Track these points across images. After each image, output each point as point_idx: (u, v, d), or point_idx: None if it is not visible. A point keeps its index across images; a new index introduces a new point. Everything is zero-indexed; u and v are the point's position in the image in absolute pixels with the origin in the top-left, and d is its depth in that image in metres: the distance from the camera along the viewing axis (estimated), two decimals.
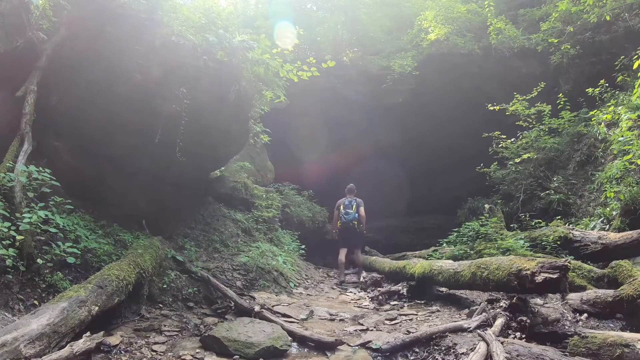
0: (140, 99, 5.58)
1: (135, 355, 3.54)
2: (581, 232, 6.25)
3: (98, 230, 5.38)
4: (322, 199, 12.62)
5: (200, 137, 6.21)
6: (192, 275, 5.73)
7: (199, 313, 5.08)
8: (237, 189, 8.97)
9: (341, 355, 3.83)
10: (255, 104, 7.65)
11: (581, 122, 9.15)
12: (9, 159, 4.59)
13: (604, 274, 5.01)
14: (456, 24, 12.11)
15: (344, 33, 13.32)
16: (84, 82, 5.41)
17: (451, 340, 3.72)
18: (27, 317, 3.09)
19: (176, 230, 6.96)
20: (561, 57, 10.32)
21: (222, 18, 6.76)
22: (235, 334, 3.87)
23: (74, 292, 3.51)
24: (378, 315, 5.32)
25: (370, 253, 10.68)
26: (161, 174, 6.30)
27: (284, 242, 9.05)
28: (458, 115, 11.85)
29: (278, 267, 6.96)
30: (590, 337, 3.16)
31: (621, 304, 3.69)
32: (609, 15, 9.54)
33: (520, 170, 9.73)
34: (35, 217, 4.06)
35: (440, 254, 7.93)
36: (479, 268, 4.93)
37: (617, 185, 6.64)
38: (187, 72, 5.76)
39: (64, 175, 4.93)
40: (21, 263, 3.90)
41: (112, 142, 5.80)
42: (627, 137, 6.59)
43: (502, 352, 3.10)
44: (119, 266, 4.33)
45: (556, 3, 10.78)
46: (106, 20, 5.37)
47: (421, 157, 12.75)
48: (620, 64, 8.81)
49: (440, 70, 11.66)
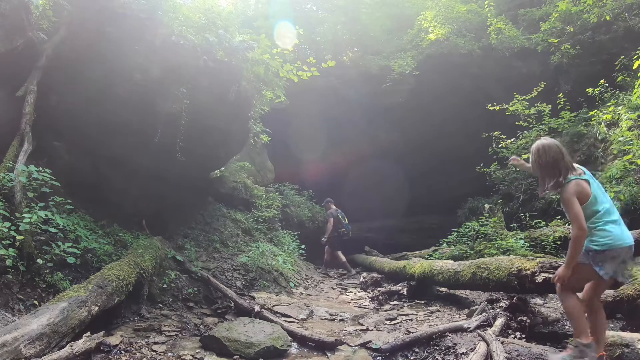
0: (140, 99, 5.58)
1: (135, 355, 3.54)
2: None
3: (98, 230, 5.38)
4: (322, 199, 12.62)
5: (200, 137, 6.20)
6: (192, 275, 5.73)
7: (199, 313, 5.08)
8: (237, 189, 8.97)
9: (341, 355, 3.83)
10: (255, 104, 7.65)
11: (581, 122, 9.14)
12: (9, 159, 4.59)
13: None
14: (456, 24, 12.10)
15: (344, 33, 13.31)
16: (84, 82, 5.41)
17: (451, 340, 3.72)
18: (27, 317, 3.09)
19: (176, 230, 6.96)
20: (561, 57, 10.32)
21: (222, 18, 6.77)
22: (235, 334, 3.87)
23: (74, 292, 3.51)
24: (378, 315, 5.32)
25: (370, 253, 10.68)
26: (161, 174, 6.30)
27: (284, 242, 9.05)
28: (458, 115, 11.84)
29: (278, 267, 6.96)
30: None
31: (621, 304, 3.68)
32: (609, 15, 9.54)
33: (521, 170, 9.72)
34: (35, 217, 4.06)
35: (440, 254, 7.93)
36: (479, 268, 4.94)
37: (617, 185, 6.63)
38: (187, 72, 5.76)
39: (64, 175, 4.92)
40: (21, 263, 3.90)
41: (112, 142, 5.80)
42: (627, 137, 6.59)
43: (502, 352, 3.10)
44: (119, 266, 4.33)
45: (556, 3, 10.77)
46: (106, 20, 5.37)
47: (421, 157, 12.74)
48: (620, 64, 8.81)
49: (440, 70, 11.65)
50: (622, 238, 2.71)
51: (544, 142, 2.88)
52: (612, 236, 2.70)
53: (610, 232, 2.70)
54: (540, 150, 2.86)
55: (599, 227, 2.72)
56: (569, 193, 2.73)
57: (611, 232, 2.70)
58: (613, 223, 2.73)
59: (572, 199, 2.70)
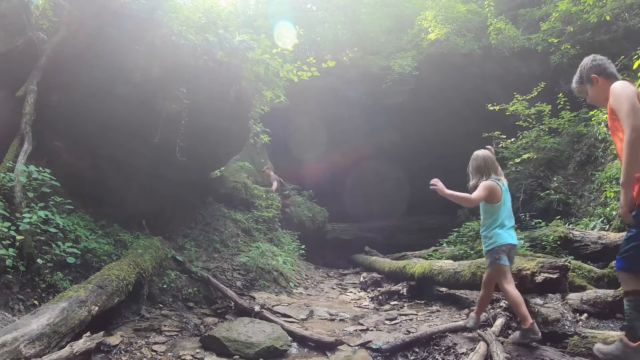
0: (140, 99, 5.58)
1: (135, 355, 3.54)
2: (581, 232, 6.25)
3: (98, 230, 5.38)
4: (322, 199, 12.62)
5: (200, 137, 6.21)
6: (192, 275, 5.73)
7: (199, 313, 5.08)
8: (237, 189, 8.97)
9: (341, 355, 3.83)
10: (255, 104, 7.66)
11: (581, 122, 9.14)
12: (9, 159, 4.59)
13: (604, 274, 5.01)
14: (456, 24, 12.11)
15: (344, 33, 13.31)
16: (84, 82, 5.41)
17: (451, 340, 3.72)
18: (27, 317, 3.09)
19: (176, 230, 6.96)
20: (561, 57, 10.31)
21: (222, 18, 6.77)
22: (235, 334, 3.87)
23: (74, 292, 3.51)
24: (378, 315, 5.32)
25: (370, 253, 10.69)
26: (161, 174, 6.29)
27: (284, 242, 9.05)
28: (458, 115, 11.84)
29: (278, 267, 6.96)
30: (590, 337, 3.16)
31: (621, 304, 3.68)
32: (609, 15, 9.54)
33: (520, 170, 9.72)
34: (35, 217, 4.05)
35: (440, 254, 7.93)
36: (479, 268, 4.94)
37: (617, 185, 6.63)
38: (187, 72, 5.76)
39: (64, 175, 4.92)
40: (21, 263, 3.90)
41: (112, 142, 5.79)
42: None
43: (502, 352, 3.10)
44: (119, 266, 4.33)
45: (556, 3, 10.77)
46: (106, 20, 5.37)
47: (421, 156, 12.74)
48: (620, 64, 8.80)
49: (440, 70, 11.66)
50: (508, 239, 3.55)
51: (476, 152, 3.79)
52: (503, 237, 3.55)
53: (500, 234, 3.54)
54: (472, 157, 3.78)
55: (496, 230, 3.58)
56: (485, 185, 3.56)
57: (501, 234, 3.54)
58: (501, 227, 3.57)
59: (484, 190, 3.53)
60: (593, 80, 2.83)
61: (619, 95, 2.53)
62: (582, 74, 2.92)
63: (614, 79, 2.77)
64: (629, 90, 2.52)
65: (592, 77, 2.83)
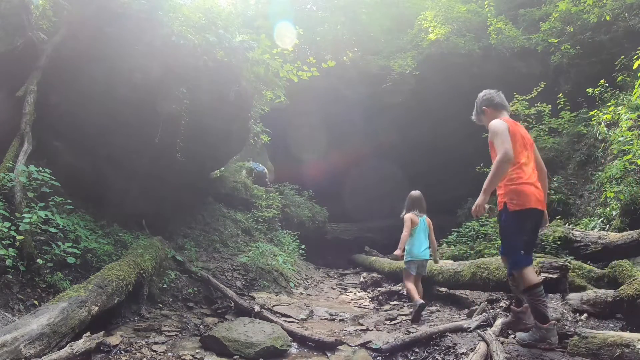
0: (141, 99, 5.58)
1: (135, 355, 3.54)
2: (581, 232, 6.24)
3: (98, 230, 5.38)
4: (322, 199, 12.62)
5: (200, 137, 6.21)
6: (192, 275, 5.73)
7: (199, 313, 5.08)
8: (237, 189, 8.98)
9: (341, 355, 3.83)
10: (255, 104, 7.66)
11: (581, 122, 9.13)
12: (9, 159, 4.59)
13: (604, 274, 5.00)
14: (456, 24, 12.09)
15: (344, 33, 13.30)
16: (84, 82, 5.41)
17: (451, 340, 3.72)
18: (27, 317, 3.09)
19: (176, 230, 6.96)
20: (561, 57, 10.30)
21: (222, 18, 6.76)
22: (235, 334, 3.87)
23: (74, 292, 3.51)
24: (378, 315, 5.32)
25: (370, 253, 10.69)
26: (161, 174, 6.30)
27: (284, 242, 9.05)
28: (458, 115, 11.72)
29: (278, 267, 6.96)
30: (590, 337, 3.16)
31: (621, 304, 3.68)
32: (609, 15, 9.53)
33: None
34: (35, 217, 4.06)
35: (440, 254, 7.92)
36: (479, 268, 4.94)
37: (617, 185, 6.63)
38: (187, 72, 5.76)
39: (64, 175, 4.92)
40: (21, 263, 3.90)
41: (112, 142, 5.80)
42: (627, 137, 6.58)
43: (502, 352, 3.10)
44: (119, 266, 4.33)
45: (556, 3, 10.76)
46: (106, 20, 5.37)
47: (421, 156, 12.74)
48: (620, 64, 8.80)
49: (440, 70, 11.64)
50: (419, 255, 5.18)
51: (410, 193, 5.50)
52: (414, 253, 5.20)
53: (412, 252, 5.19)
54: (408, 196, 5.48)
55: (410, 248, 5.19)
56: (407, 217, 5.23)
57: (413, 251, 5.19)
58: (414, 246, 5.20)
59: (408, 221, 5.20)
60: (485, 111, 3.58)
61: (494, 132, 3.26)
62: (477, 107, 3.68)
63: (502, 108, 3.51)
64: (502, 126, 3.24)
65: (483, 109, 3.59)
